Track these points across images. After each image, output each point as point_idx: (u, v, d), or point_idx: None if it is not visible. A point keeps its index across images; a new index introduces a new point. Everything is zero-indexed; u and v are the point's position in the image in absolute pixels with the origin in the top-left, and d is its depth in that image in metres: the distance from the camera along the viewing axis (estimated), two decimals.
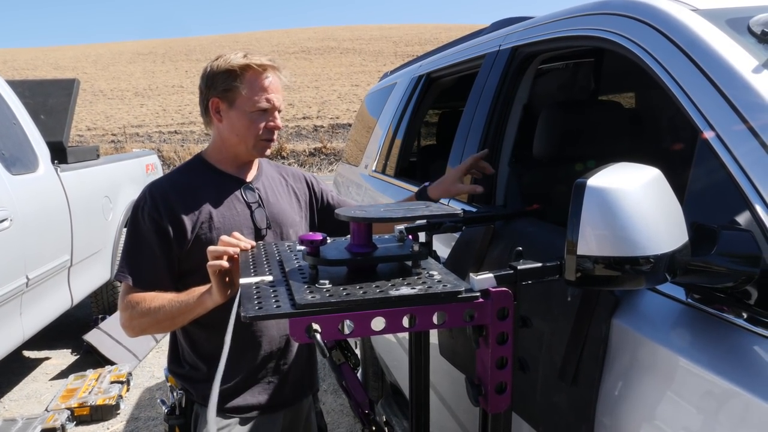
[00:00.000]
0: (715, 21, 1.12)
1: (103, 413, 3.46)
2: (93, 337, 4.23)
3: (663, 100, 1.93)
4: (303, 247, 1.08)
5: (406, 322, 0.93)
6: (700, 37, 1.08)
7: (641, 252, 0.78)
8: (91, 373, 3.87)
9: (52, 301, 3.80)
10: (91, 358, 4.19)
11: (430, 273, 1.04)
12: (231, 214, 1.55)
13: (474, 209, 1.74)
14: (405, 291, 0.94)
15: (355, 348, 2.99)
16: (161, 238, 1.48)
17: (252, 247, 1.33)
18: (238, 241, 1.31)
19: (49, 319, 3.78)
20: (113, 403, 3.49)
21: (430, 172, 3.23)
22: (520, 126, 1.78)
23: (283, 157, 21.50)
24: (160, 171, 5.91)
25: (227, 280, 1.31)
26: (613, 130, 1.73)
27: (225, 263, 1.28)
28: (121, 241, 4.64)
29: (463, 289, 0.94)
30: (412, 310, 0.92)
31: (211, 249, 1.30)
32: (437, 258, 1.31)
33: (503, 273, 0.94)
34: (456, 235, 1.69)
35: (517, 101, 1.79)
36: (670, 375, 0.90)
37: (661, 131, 2.57)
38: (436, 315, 0.94)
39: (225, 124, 1.55)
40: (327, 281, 0.99)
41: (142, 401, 3.71)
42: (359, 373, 3.15)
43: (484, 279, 0.93)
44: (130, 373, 3.89)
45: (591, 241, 0.80)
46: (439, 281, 0.99)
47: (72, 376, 3.86)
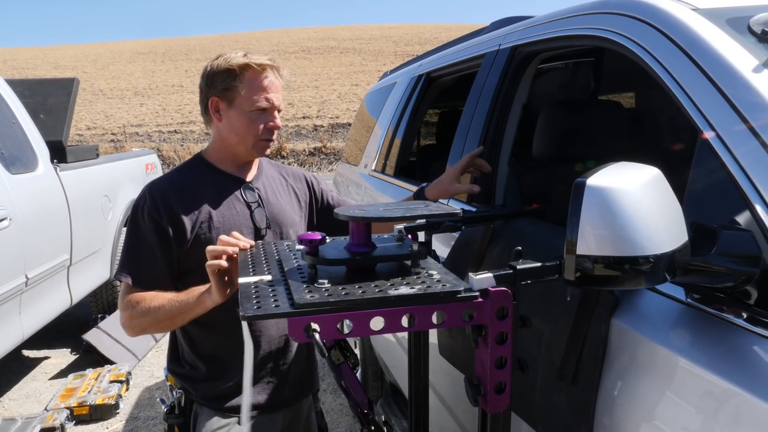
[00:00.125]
0: (715, 20, 1.11)
1: (102, 412, 3.46)
2: (92, 336, 4.22)
3: (663, 99, 1.93)
4: (302, 247, 1.08)
5: (405, 321, 0.93)
6: (701, 36, 1.08)
7: (641, 252, 0.78)
8: (90, 373, 3.87)
9: (52, 300, 3.79)
10: (91, 358, 4.19)
11: (430, 272, 1.04)
12: (231, 213, 1.54)
13: (473, 209, 1.74)
14: (404, 290, 0.94)
15: (355, 348, 2.99)
16: (161, 238, 1.48)
17: (251, 247, 1.33)
18: (237, 241, 1.31)
19: (49, 318, 3.78)
20: (112, 402, 3.49)
21: (429, 171, 3.22)
22: (519, 126, 1.78)
23: (282, 157, 21.49)
24: (159, 170, 5.90)
25: (226, 280, 1.31)
26: (612, 130, 1.72)
27: (224, 263, 1.27)
28: (120, 241, 4.63)
29: (462, 288, 0.94)
30: (412, 310, 0.92)
31: (209, 248, 1.29)
32: (436, 257, 1.30)
33: (502, 273, 0.93)
34: (455, 234, 1.69)
35: (517, 101, 1.79)
36: (670, 375, 0.90)
37: (661, 131, 2.57)
38: (435, 315, 0.94)
39: (224, 124, 1.55)
40: (326, 281, 0.99)
41: (142, 400, 3.70)
42: (358, 373, 3.15)
43: (483, 279, 0.93)
44: (129, 373, 3.89)
45: (590, 240, 0.80)
46: (438, 281, 0.99)
47: (71, 376, 3.86)
